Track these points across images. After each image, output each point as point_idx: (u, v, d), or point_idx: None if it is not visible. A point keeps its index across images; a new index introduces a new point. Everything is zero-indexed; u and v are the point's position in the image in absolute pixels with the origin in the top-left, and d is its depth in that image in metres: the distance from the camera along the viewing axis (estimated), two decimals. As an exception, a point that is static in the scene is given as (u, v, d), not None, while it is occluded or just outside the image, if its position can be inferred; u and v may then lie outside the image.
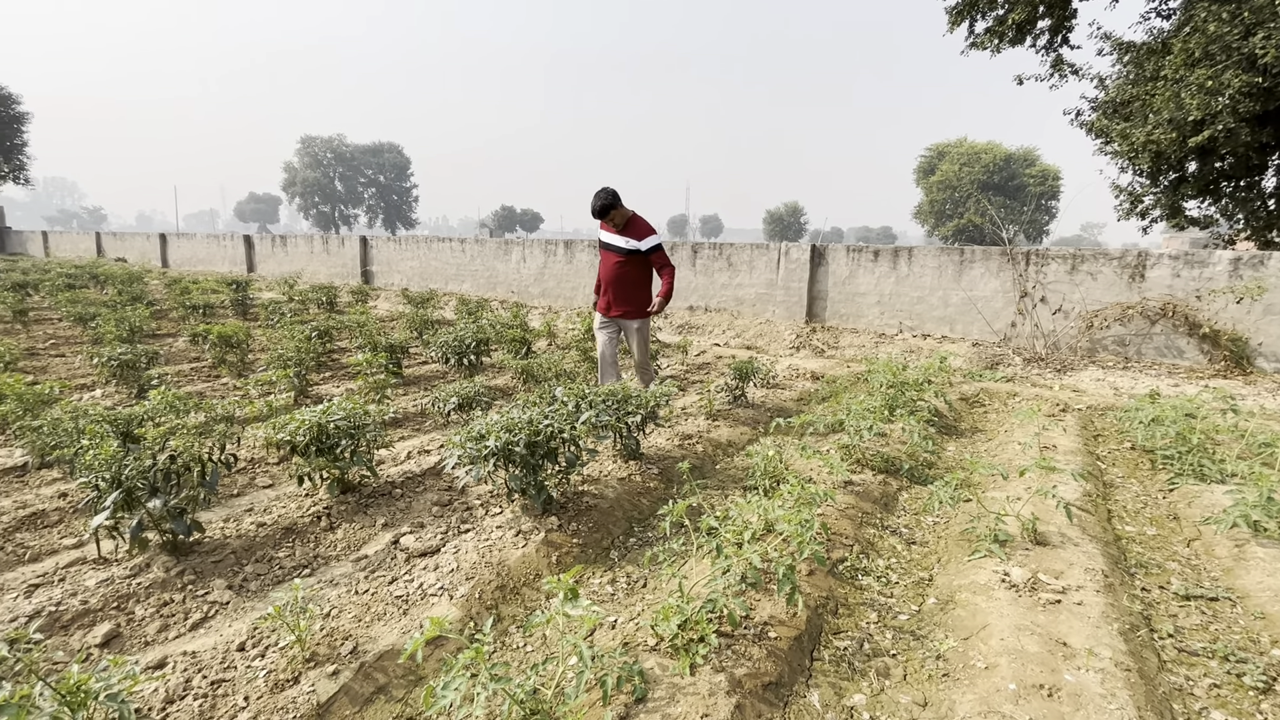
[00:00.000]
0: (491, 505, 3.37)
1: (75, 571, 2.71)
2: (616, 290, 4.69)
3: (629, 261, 4.62)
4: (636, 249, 4.58)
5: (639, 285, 4.71)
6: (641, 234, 4.59)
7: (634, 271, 4.66)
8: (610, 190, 4.55)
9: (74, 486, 3.48)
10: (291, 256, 16.81)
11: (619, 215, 4.57)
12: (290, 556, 2.88)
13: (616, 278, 4.66)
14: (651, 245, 4.59)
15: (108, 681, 1.60)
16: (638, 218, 4.66)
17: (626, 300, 4.70)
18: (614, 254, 4.65)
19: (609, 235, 4.67)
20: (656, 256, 4.64)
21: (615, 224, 4.58)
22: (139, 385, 5.16)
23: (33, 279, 12.34)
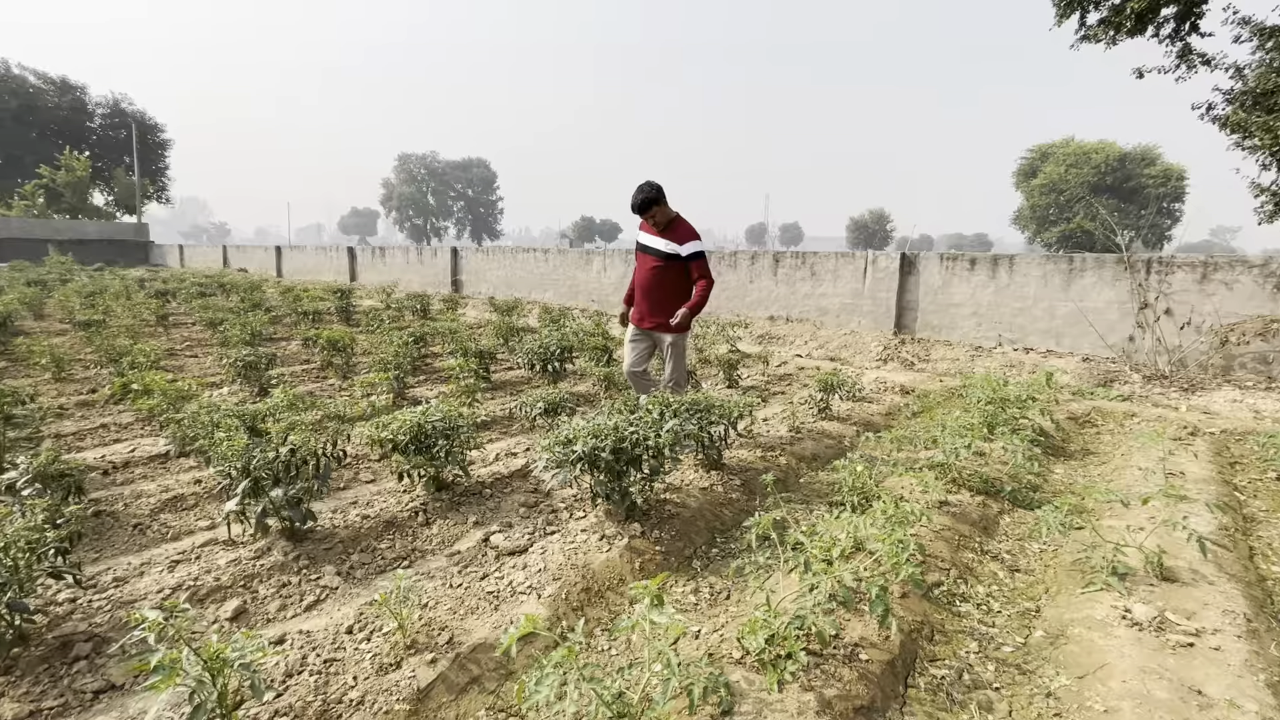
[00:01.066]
0: (576, 509, 3.44)
1: (208, 551, 3.00)
2: (652, 299, 4.25)
3: (668, 267, 4.17)
4: (676, 254, 4.12)
5: (678, 295, 4.20)
6: (683, 238, 4.13)
7: (673, 279, 4.19)
8: (654, 184, 4.10)
9: (208, 474, 3.85)
10: (389, 267, 17.95)
11: (661, 214, 4.13)
12: (391, 548, 3.06)
13: (653, 285, 4.22)
14: (692, 251, 4.12)
15: (242, 652, 1.76)
16: (682, 220, 4.23)
17: (663, 311, 4.21)
18: (652, 257, 4.21)
19: (648, 236, 4.24)
20: (696, 264, 4.14)
21: (656, 224, 4.16)
22: (260, 384, 5.65)
23: (171, 287, 13.81)
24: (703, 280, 4.12)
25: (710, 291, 4.16)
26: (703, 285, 4.11)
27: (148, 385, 4.86)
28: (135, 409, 5.03)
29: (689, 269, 4.14)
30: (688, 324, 4.09)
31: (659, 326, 4.25)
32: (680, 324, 4.02)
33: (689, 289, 4.20)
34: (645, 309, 4.30)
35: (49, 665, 2.20)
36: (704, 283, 4.11)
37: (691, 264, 4.12)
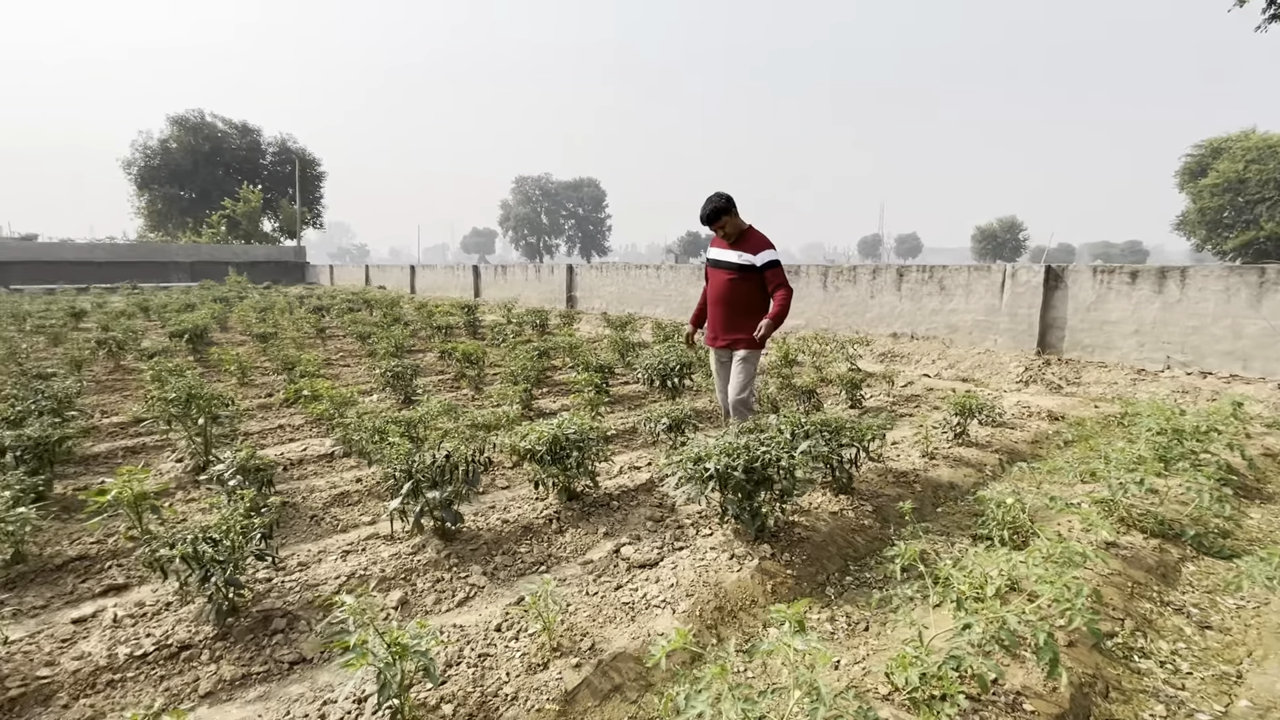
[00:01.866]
0: (702, 526, 3.46)
1: (372, 544, 3.32)
2: (726, 314, 4.07)
3: (742, 280, 3.98)
4: (750, 264, 3.92)
5: (752, 309, 4.00)
6: (757, 247, 3.93)
7: (747, 292, 4.00)
8: (724, 194, 3.93)
9: (367, 473, 4.28)
10: (509, 283, 19.05)
11: (732, 225, 3.95)
12: (529, 553, 3.23)
13: (725, 299, 4.06)
14: (768, 260, 3.92)
15: (418, 640, 1.94)
16: (754, 230, 4.03)
17: (736, 326, 4.04)
18: (724, 271, 4.04)
19: (719, 250, 4.09)
20: (773, 273, 3.93)
21: (726, 235, 4.00)
22: (405, 393, 6.19)
23: (325, 304, 15.48)
24: (781, 290, 3.90)
25: (790, 301, 3.92)
26: (782, 295, 3.88)
27: (316, 392, 5.48)
28: (306, 413, 5.69)
29: (765, 280, 3.95)
30: (770, 334, 3.85)
31: (735, 343, 4.07)
32: (763, 336, 3.80)
33: (765, 302, 4.00)
34: (720, 325, 4.12)
35: (254, 635, 2.53)
36: (783, 292, 3.89)
37: (767, 273, 3.92)
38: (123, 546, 3.26)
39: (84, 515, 3.55)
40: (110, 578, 2.99)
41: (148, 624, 2.58)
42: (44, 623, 2.62)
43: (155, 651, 2.40)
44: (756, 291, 3.98)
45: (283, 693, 2.24)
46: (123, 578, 3.00)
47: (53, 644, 2.45)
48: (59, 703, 2.16)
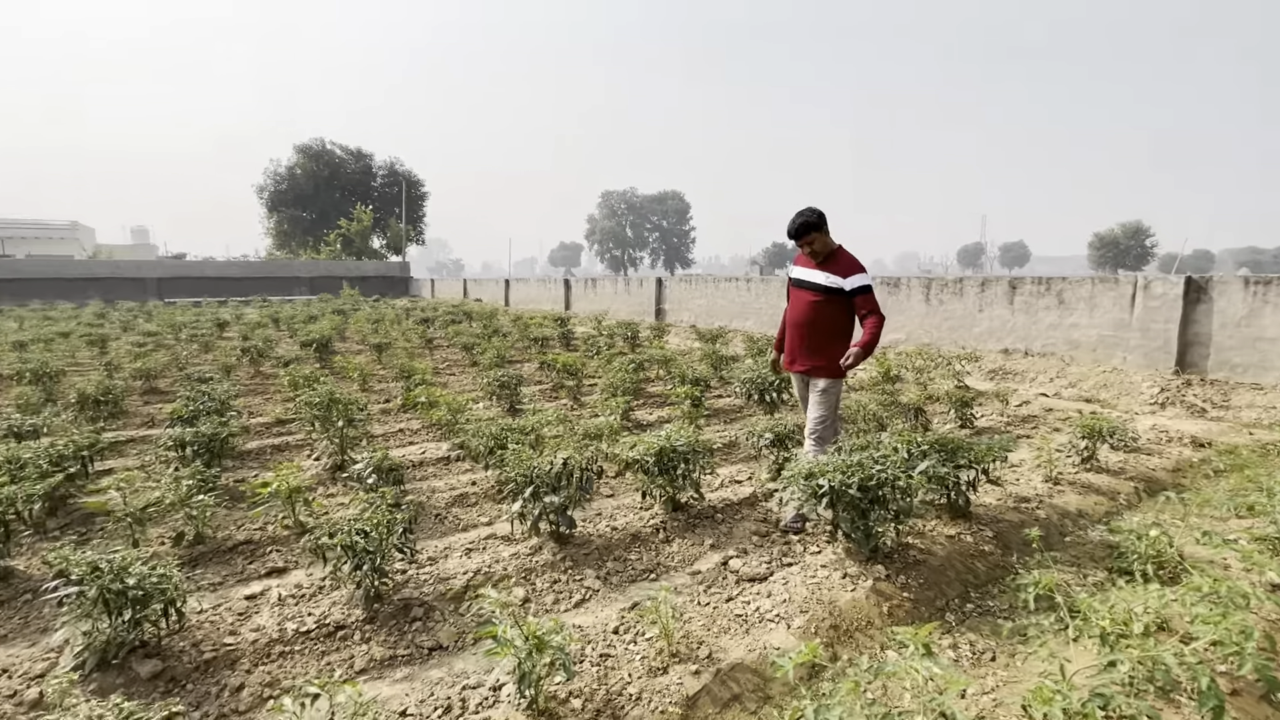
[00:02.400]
0: (809, 543, 3.43)
1: (492, 543, 3.54)
2: (808, 338, 3.74)
3: (828, 303, 3.67)
4: (838, 287, 3.62)
5: (836, 334, 3.69)
6: (847, 270, 3.64)
7: (832, 316, 3.69)
8: (816, 210, 3.66)
9: (481, 476, 4.55)
10: (599, 296, 19.55)
11: (821, 243, 3.67)
12: (639, 560, 3.33)
13: (809, 322, 3.74)
14: (859, 285, 3.61)
15: (554, 635, 2.07)
16: (844, 251, 3.74)
17: (818, 351, 3.69)
18: (809, 292, 3.75)
19: (804, 270, 3.78)
20: (864, 298, 3.63)
21: (814, 254, 3.71)
22: (511, 402, 6.52)
23: (429, 315, 16.51)
24: (873, 317, 3.60)
25: (882, 327, 3.64)
26: (873, 323, 3.58)
27: (432, 399, 5.89)
28: (423, 418, 6.12)
29: (853, 305, 3.66)
30: (859, 363, 3.54)
31: (815, 369, 3.73)
32: (850, 364, 3.48)
33: (850, 327, 3.74)
34: (800, 350, 3.78)
35: (396, 621, 2.77)
36: (875, 320, 3.59)
37: (857, 299, 3.63)
38: (279, 534, 3.65)
39: (245, 504, 4.01)
40: (271, 561, 3.36)
41: (307, 604, 2.89)
42: (222, 597, 2.99)
43: (316, 629, 2.68)
44: (842, 316, 3.70)
45: (425, 675, 2.44)
46: (281, 562, 3.36)
47: (232, 616, 2.80)
48: (242, 668, 2.46)
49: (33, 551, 3.41)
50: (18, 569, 3.19)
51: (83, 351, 10.82)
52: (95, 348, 10.99)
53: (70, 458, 3.92)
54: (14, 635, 2.71)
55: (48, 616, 2.78)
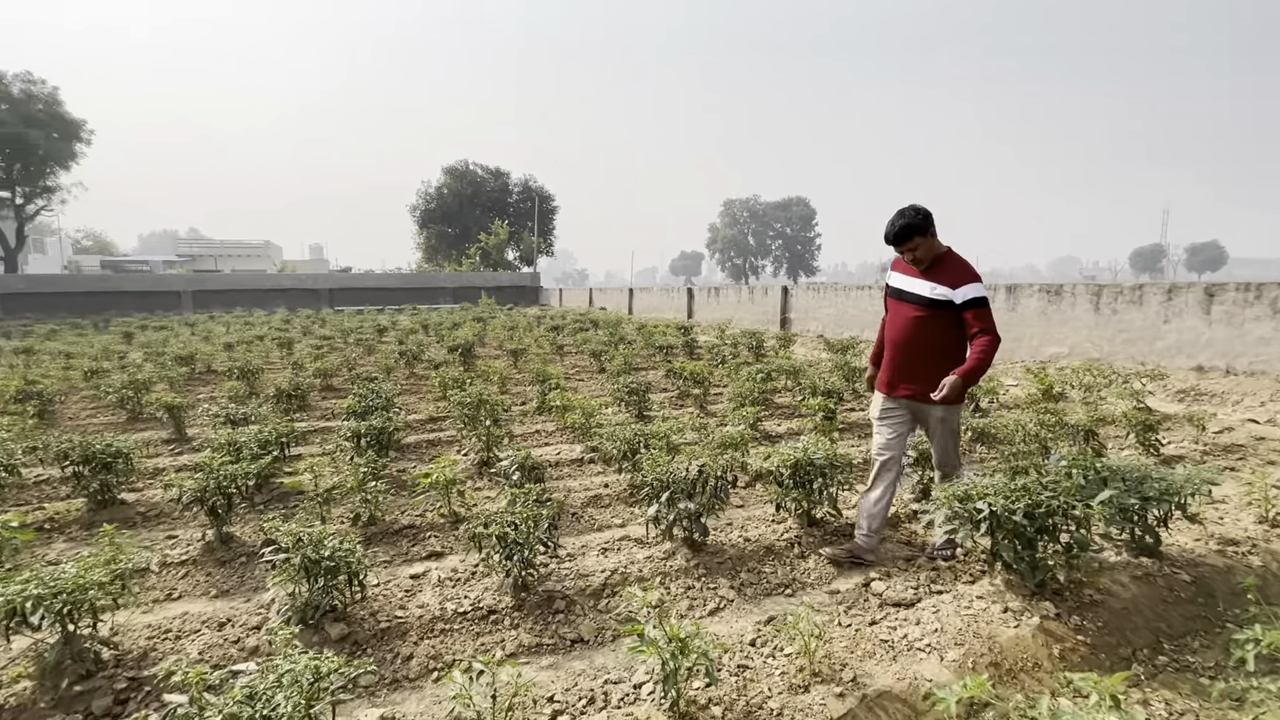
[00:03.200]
0: (962, 571, 3.19)
1: (626, 545, 3.63)
2: (908, 357, 3.24)
3: (933, 317, 3.13)
4: (947, 300, 3.07)
5: (943, 354, 3.14)
6: (958, 279, 3.08)
7: (937, 333, 3.14)
8: (920, 209, 3.11)
9: (614, 479, 4.69)
10: (722, 305, 19.49)
11: (926, 248, 3.12)
12: (774, 574, 3.27)
13: (909, 339, 3.22)
14: (971, 297, 3.04)
15: (698, 640, 2.08)
16: (954, 256, 3.18)
17: (922, 374, 3.16)
18: (910, 305, 3.22)
19: (904, 278, 3.27)
20: (977, 314, 3.04)
21: (917, 260, 3.17)
22: (640, 408, 6.67)
23: (558, 323, 17.32)
24: (984, 337, 3.00)
25: (994, 353, 3.03)
26: (984, 344, 2.99)
27: (566, 403, 6.17)
28: (557, 421, 6.43)
29: (963, 321, 3.08)
30: (959, 396, 3.02)
31: (917, 395, 3.21)
32: (947, 395, 2.94)
33: (960, 346, 3.14)
34: (897, 372, 3.29)
35: (541, 611, 2.92)
36: (986, 340, 3.00)
37: (969, 314, 3.04)
38: (436, 521, 4.00)
39: (408, 493, 4.43)
40: (431, 545, 3.69)
41: (462, 587, 3.14)
42: (391, 575, 3.32)
43: (471, 611, 2.90)
44: (951, 332, 3.13)
45: (568, 665, 2.56)
46: (439, 546, 3.67)
47: (400, 592, 3.10)
48: (410, 640, 2.72)
49: (245, 521, 4.01)
50: (236, 535, 3.77)
51: (274, 352, 12.54)
52: (283, 349, 12.71)
53: (273, 443, 4.57)
54: (234, 591, 3.20)
55: (259, 577, 3.25)
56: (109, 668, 2.47)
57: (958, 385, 2.94)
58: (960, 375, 2.94)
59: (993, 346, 3.01)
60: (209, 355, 11.05)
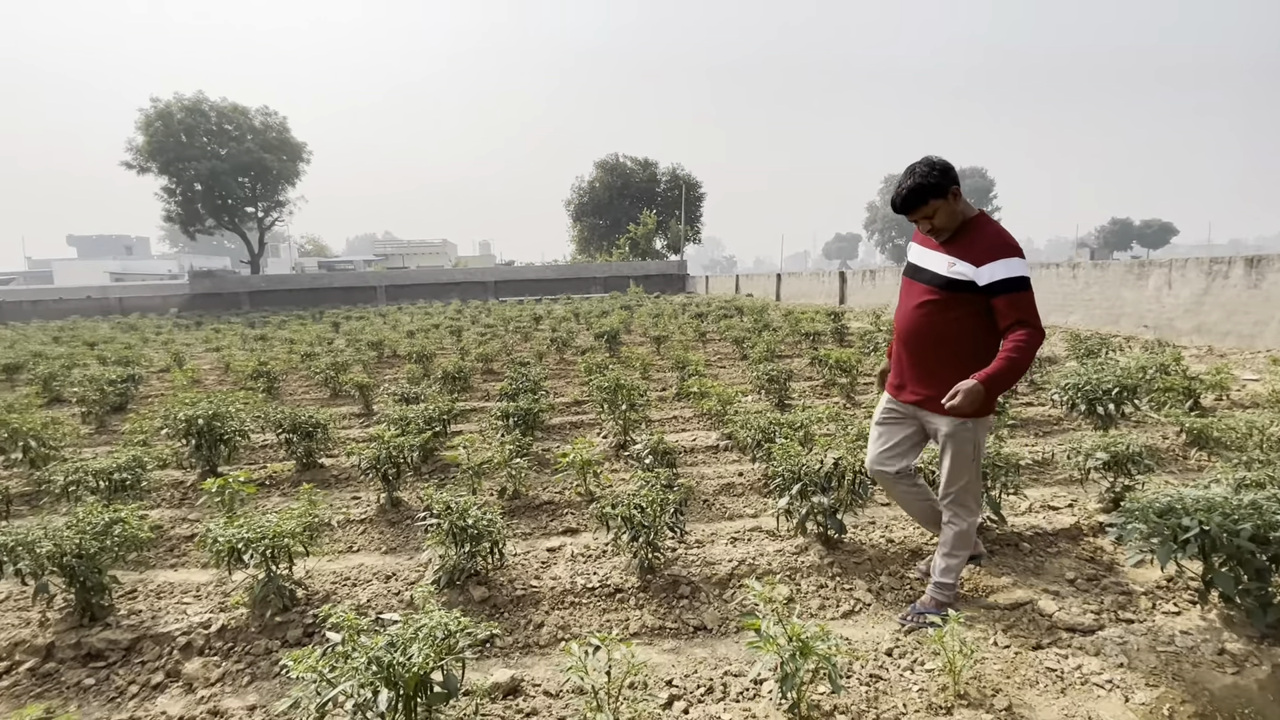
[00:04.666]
0: (1161, 598, 2.66)
1: (755, 536, 3.52)
2: (917, 355, 2.52)
3: (950, 302, 2.38)
4: (967, 280, 2.31)
5: (963, 350, 2.39)
6: (984, 253, 2.28)
7: (956, 322, 2.39)
8: (935, 162, 2.32)
9: (749, 468, 4.58)
10: (878, 289, 18.18)
11: (945, 214, 2.34)
12: (920, 581, 2.97)
13: (919, 330, 2.49)
14: (1002, 277, 2.24)
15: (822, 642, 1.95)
16: (986, 223, 2.37)
17: (936, 376, 2.43)
18: (923, 286, 2.48)
19: (923, 250, 2.51)
20: (1010, 300, 2.25)
21: (937, 229, 2.40)
22: (780, 396, 6.44)
23: (702, 310, 17.28)
24: (1022, 330, 2.24)
25: (1034, 351, 2.25)
26: (1021, 338, 2.23)
27: (703, 389, 6.13)
28: (695, 407, 6.42)
29: (993, 308, 2.30)
30: (982, 406, 2.27)
31: (927, 401, 2.48)
32: (959, 404, 2.22)
33: (988, 341, 2.35)
34: (906, 371, 2.59)
35: (665, 595, 2.93)
36: (1024, 334, 2.23)
37: (999, 300, 2.26)
38: (573, 499, 4.18)
39: (549, 471, 4.68)
40: (567, 522, 3.86)
41: (592, 564, 3.25)
42: (529, 546, 3.53)
43: (599, 587, 2.99)
44: (972, 322, 2.36)
45: (689, 652, 2.54)
46: (574, 523, 3.83)
47: (536, 564, 3.28)
48: (542, 609, 2.87)
49: (412, 488, 4.49)
50: (404, 499, 4.23)
51: (446, 339, 13.93)
52: (454, 336, 14.07)
53: (436, 420, 5.07)
54: (400, 548, 3.60)
55: (419, 538, 3.63)
56: (301, 605, 2.90)
57: (976, 393, 2.20)
58: (982, 380, 2.21)
59: (1032, 344, 2.23)
60: (394, 342, 12.55)
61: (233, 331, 17.70)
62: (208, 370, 10.98)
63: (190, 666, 2.53)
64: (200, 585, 3.18)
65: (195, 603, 3.00)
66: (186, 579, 3.29)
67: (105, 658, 2.62)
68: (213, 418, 4.69)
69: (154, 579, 3.28)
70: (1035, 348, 2.24)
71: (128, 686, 2.46)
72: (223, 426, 4.73)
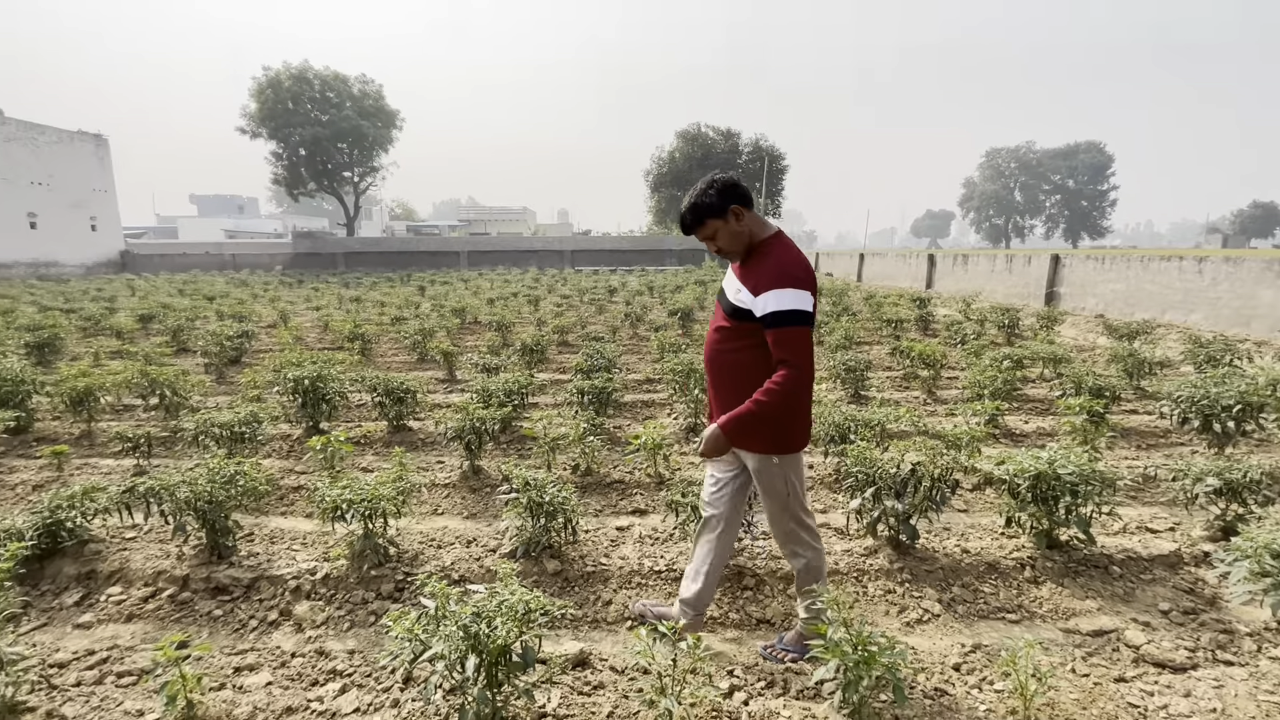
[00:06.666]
0: (1269, 641, 2.48)
1: (824, 534, 3.50)
2: (715, 384, 2.36)
3: (736, 331, 2.21)
4: (747, 309, 2.13)
5: (751, 385, 2.14)
6: (764, 281, 2.08)
7: (739, 351, 2.22)
8: (716, 180, 2.16)
9: (819, 461, 4.53)
10: (970, 275, 17.15)
11: (727, 236, 2.18)
12: (994, 595, 2.89)
13: (712, 356, 2.34)
14: (773, 310, 2.05)
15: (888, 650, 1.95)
16: (779, 244, 2.17)
17: (726, 406, 2.26)
18: (720, 310, 2.31)
19: (730, 272, 2.34)
20: (777, 336, 2.05)
21: (723, 252, 2.25)
22: (856, 388, 6.28)
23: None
24: (782, 371, 2.05)
25: (795, 392, 2.05)
26: (778, 380, 2.04)
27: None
28: (766, 393, 6.37)
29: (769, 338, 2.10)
30: (720, 446, 2.20)
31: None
32: (703, 449, 2.21)
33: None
34: (712, 401, 2.42)
35: (729, 585, 2.99)
36: (782, 375, 2.04)
37: (768, 333, 2.08)
38: (643, 480, 4.29)
39: (620, 449, 4.80)
40: (636, 502, 3.98)
41: (659, 546, 3.35)
42: (600, 524, 3.67)
43: (665, 571, 3.09)
44: (753, 355, 2.18)
45: (751, 644, 2.59)
46: (643, 504, 3.94)
47: (606, 541, 3.42)
48: (610, 587, 3.00)
49: (492, 456, 4.74)
50: (484, 468, 4.48)
51: (524, 308, 14.35)
52: (531, 305, 14.47)
53: (515, 393, 5.29)
54: (480, 515, 3.83)
55: (498, 506, 3.84)
56: (393, 561, 3.16)
57: (713, 438, 2.17)
58: (721, 424, 2.14)
59: (788, 387, 2.03)
60: (475, 309, 13.06)
61: (330, 291, 18.92)
62: (308, 328, 11.84)
63: (299, 609, 2.83)
64: (306, 533, 3.52)
65: (302, 550, 3.33)
66: (294, 527, 3.65)
67: (230, 592, 2.97)
68: (317, 379, 5.10)
69: (267, 524, 3.66)
70: (791, 392, 2.05)
71: (248, 620, 2.79)
72: (325, 387, 5.14)
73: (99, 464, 4.75)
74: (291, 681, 2.39)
